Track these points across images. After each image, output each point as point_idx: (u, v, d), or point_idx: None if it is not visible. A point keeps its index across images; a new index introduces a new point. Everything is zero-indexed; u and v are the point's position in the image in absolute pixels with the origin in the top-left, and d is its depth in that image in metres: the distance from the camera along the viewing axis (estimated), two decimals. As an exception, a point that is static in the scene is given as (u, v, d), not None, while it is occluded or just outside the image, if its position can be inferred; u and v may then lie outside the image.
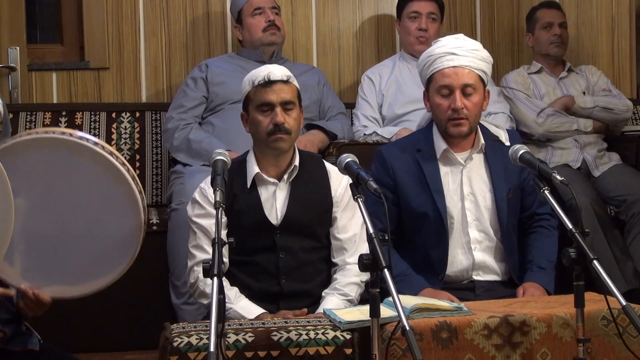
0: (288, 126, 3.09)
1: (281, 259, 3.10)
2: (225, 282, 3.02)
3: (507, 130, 3.48)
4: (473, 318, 2.65)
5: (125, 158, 3.72)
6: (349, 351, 2.63)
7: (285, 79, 3.12)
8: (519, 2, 5.04)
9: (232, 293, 3.04)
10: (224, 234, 3.07)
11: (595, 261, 2.48)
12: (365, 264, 2.39)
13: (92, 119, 4.40)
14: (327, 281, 3.15)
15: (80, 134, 2.59)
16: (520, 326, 2.65)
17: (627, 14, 4.83)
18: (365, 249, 2.45)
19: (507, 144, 3.32)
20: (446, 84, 3.24)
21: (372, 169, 3.35)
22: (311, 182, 3.17)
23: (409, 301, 2.69)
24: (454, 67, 3.23)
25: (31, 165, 2.52)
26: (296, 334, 2.64)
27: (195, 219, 3.12)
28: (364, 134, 4.35)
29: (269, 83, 3.10)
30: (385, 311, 2.52)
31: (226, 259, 3.05)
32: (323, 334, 2.65)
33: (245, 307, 3.01)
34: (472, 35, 4.79)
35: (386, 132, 4.29)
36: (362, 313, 2.67)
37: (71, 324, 3.75)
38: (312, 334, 2.65)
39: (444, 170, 3.29)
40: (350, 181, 2.63)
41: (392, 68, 4.53)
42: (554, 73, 4.57)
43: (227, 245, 2.46)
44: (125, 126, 4.44)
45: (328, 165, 3.23)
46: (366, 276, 2.47)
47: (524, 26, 4.84)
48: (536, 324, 2.67)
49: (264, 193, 3.13)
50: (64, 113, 4.38)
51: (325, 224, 3.17)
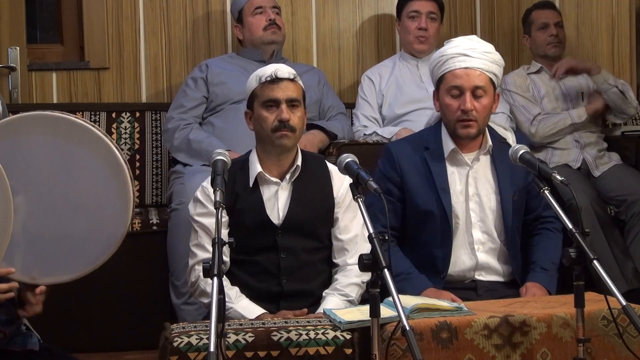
0: (293, 123, 3.10)
1: (282, 259, 3.10)
2: (226, 282, 3.02)
3: (515, 133, 3.47)
4: (473, 318, 2.65)
5: (125, 158, 3.71)
6: (349, 351, 2.63)
7: (292, 77, 3.14)
8: (519, 2, 5.03)
9: (233, 293, 3.04)
10: (225, 233, 3.08)
11: (595, 261, 2.48)
12: (365, 264, 2.39)
13: (92, 119, 4.39)
14: (327, 282, 3.15)
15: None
16: (520, 326, 2.65)
17: (627, 14, 4.82)
18: (366, 249, 2.45)
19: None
20: (457, 84, 3.23)
21: (379, 164, 3.36)
22: (313, 182, 3.17)
23: (409, 301, 2.69)
24: (465, 68, 3.23)
25: (28, 150, 2.52)
26: (296, 334, 2.64)
27: (196, 218, 3.12)
28: (364, 134, 4.35)
29: (276, 80, 3.11)
30: (385, 311, 2.51)
31: (227, 258, 3.05)
32: (323, 334, 2.65)
33: (245, 307, 3.01)
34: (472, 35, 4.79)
35: (386, 132, 4.29)
36: (362, 313, 2.67)
37: (71, 324, 3.75)
38: (312, 334, 2.65)
39: (450, 170, 3.29)
40: (352, 181, 2.63)
41: (392, 68, 4.53)
42: (555, 73, 4.56)
43: (228, 244, 2.46)
44: (125, 126, 4.44)
45: (330, 165, 3.23)
46: (367, 277, 2.46)
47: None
48: (536, 324, 2.66)
49: (266, 192, 3.13)
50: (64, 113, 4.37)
51: (326, 224, 3.17)
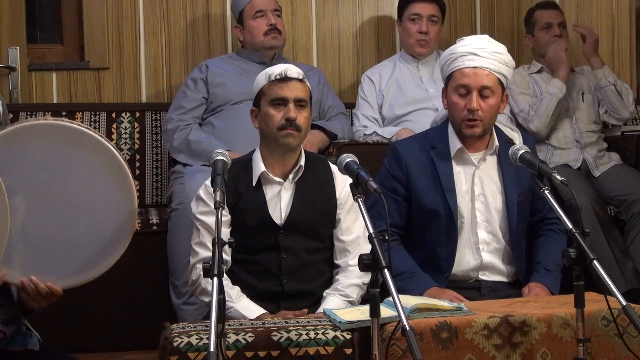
0: (299, 123, 3.10)
1: (284, 258, 3.10)
2: (227, 281, 3.02)
3: (522, 133, 3.47)
4: (473, 318, 2.65)
5: (125, 158, 3.72)
6: (349, 351, 2.63)
7: (301, 77, 3.14)
8: (519, 2, 5.04)
9: (234, 292, 3.03)
10: (227, 232, 3.08)
11: (595, 261, 2.48)
12: (365, 263, 2.40)
13: (92, 119, 4.39)
14: (328, 282, 3.15)
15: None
16: (520, 326, 2.65)
17: (627, 14, 4.82)
18: (367, 251, 2.45)
19: None
20: (464, 83, 3.23)
21: (385, 162, 3.36)
22: (316, 183, 3.17)
23: (409, 301, 2.69)
24: (474, 67, 3.22)
25: (27, 154, 2.52)
26: (296, 334, 2.64)
27: (199, 216, 3.11)
28: (364, 134, 4.35)
29: (285, 79, 3.11)
30: (385, 311, 2.51)
31: (229, 257, 3.06)
32: (323, 334, 2.65)
33: (246, 307, 3.01)
34: (471, 35, 4.78)
35: (386, 132, 4.29)
36: (362, 313, 2.67)
37: (71, 324, 3.75)
38: (312, 334, 2.65)
39: (456, 169, 3.28)
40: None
41: (393, 68, 4.53)
42: (555, 73, 4.56)
43: (228, 244, 2.47)
44: (125, 126, 4.44)
45: (333, 167, 3.22)
46: (368, 278, 2.46)
47: (524, 26, 4.84)
48: (536, 324, 2.66)
49: (269, 192, 3.13)
50: (64, 113, 4.37)
51: (328, 225, 3.17)
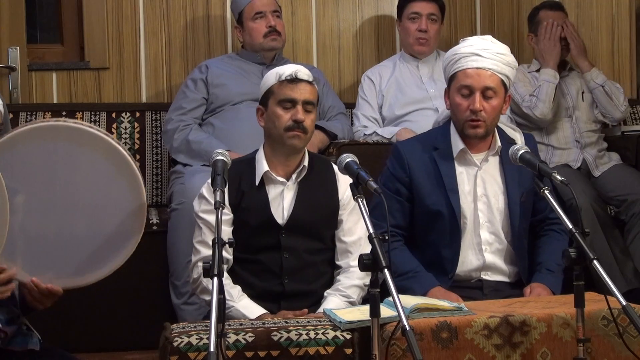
0: (306, 125, 3.10)
1: (285, 259, 3.10)
2: (228, 280, 3.03)
3: (523, 133, 3.47)
4: (473, 318, 2.65)
5: (132, 155, 3.72)
6: (349, 351, 2.63)
7: (310, 79, 3.15)
8: (519, 2, 5.03)
9: (235, 291, 3.04)
10: (229, 231, 3.08)
11: (595, 261, 2.48)
12: (365, 263, 2.40)
13: (92, 119, 4.39)
14: (329, 283, 3.15)
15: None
16: (520, 326, 2.65)
17: (627, 14, 4.82)
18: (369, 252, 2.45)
19: None
20: (467, 84, 3.23)
21: (388, 163, 3.36)
22: (319, 184, 3.17)
23: (409, 301, 2.69)
24: (477, 68, 3.22)
25: (29, 156, 2.52)
26: (296, 334, 2.64)
27: (201, 215, 3.11)
28: (364, 134, 4.35)
29: (295, 80, 3.11)
30: (385, 311, 2.52)
31: (230, 256, 3.06)
32: (323, 334, 2.65)
33: (246, 307, 3.01)
34: (472, 35, 4.78)
35: (386, 132, 4.29)
36: (362, 313, 2.67)
37: (71, 324, 3.75)
38: (312, 334, 2.65)
39: (459, 170, 3.28)
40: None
41: (393, 68, 4.53)
42: (555, 72, 4.56)
43: (228, 244, 2.47)
44: (125, 126, 4.44)
45: (336, 168, 3.23)
46: (369, 279, 2.46)
47: (524, 26, 4.83)
48: (536, 323, 2.67)
49: (272, 192, 3.13)
50: (64, 113, 4.37)
51: (330, 226, 3.17)
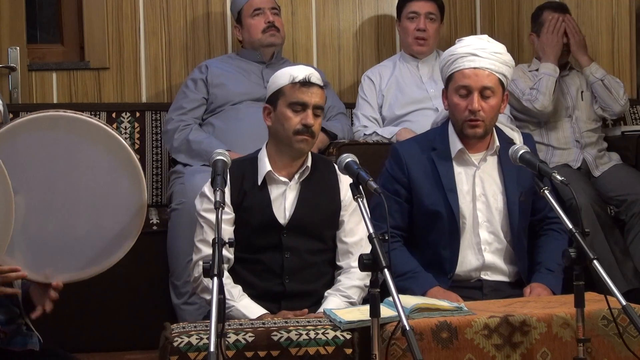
0: (314, 129, 3.10)
1: (286, 259, 3.10)
2: (229, 280, 3.03)
3: (522, 133, 3.47)
4: (473, 318, 2.65)
5: (133, 148, 3.72)
6: (349, 351, 2.63)
7: (321, 84, 3.15)
8: (519, 2, 5.03)
9: (235, 291, 3.03)
10: (231, 230, 3.08)
11: (595, 261, 2.48)
12: (365, 263, 2.40)
13: (92, 119, 4.39)
14: (330, 283, 3.15)
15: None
16: (520, 326, 2.65)
17: (627, 14, 4.82)
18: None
19: None
20: (465, 84, 3.23)
21: (386, 164, 3.35)
22: (321, 184, 3.17)
23: (409, 301, 2.69)
24: (474, 68, 3.22)
25: (30, 148, 2.52)
26: (296, 334, 2.64)
27: (203, 213, 3.10)
28: (364, 134, 4.35)
29: (308, 84, 3.10)
30: (385, 311, 2.52)
31: (231, 255, 3.06)
32: (323, 334, 2.65)
33: (247, 307, 3.01)
34: (471, 35, 4.77)
35: (386, 132, 4.28)
36: (362, 313, 2.67)
37: (71, 324, 3.75)
38: (312, 334, 2.65)
39: (457, 170, 3.28)
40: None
41: (393, 68, 4.53)
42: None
43: (228, 244, 2.47)
44: (125, 126, 4.44)
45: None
46: (369, 279, 2.46)
47: (524, 26, 4.83)
48: (536, 323, 2.67)
49: (274, 192, 3.13)
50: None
51: (332, 226, 3.17)
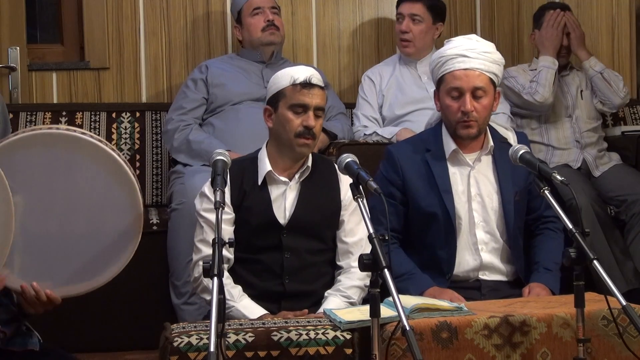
0: (315, 131, 3.10)
1: (286, 258, 3.10)
2: (229, 280, 3.03)
3: (515, 132, 3.47)
4: (473, 318, 2.65)
5: (125, 158, 3.70)
6: (349, 351, 2.63)
7: (322, 85, 3.14)
8: (519, 2, 5.03)
9: (235, 291, 3.03)
10: (231, 230, 3.08)
11: (595, 261, 2.48)
12: (365, 263, 2.40)
13: (92, 119, 4.40)
14: (330, 283, 3.15)
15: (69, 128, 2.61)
16: (520, 326, 2.65)
17: (627, 14, 4.82)
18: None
19: None
20: (456, 86, 3.22)
21: (381, 167, 3.35)
22: (321, 184, 3.17)
23: (409, 301, 2.69)
24: (464, 69, 3.22)
25: (27, 163, 2.51)
26: (296, 334, 2.64)
27: (202, 213, 3.10)
28: (364, 134, 4.35)
29: (309, 85, 3.09)
30: (386, 311, 2.52)
31: (231, 255, 3.06)
32: (323, 334, 2.65)
33: (247, 307, 3.01)
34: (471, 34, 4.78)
35: (386, 132, 4.28)
36: (362, 313, 2.67)
37: (71, 324, 3.75)
38: (312, 334, 2.65)
39: (452, 170, 3.28)
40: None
41: (393, 68, 4.52)
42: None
43: (228, 244, 2.46)
44: (125, 126, 4.44)
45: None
46: (369, 279, 2.46)
47: (524, 26, 4.84)
48: (536, 324, 2.67)
49: (274, 192, 3.13)
50: (64, 113, 4.38)
51: (332, 226, 3.17)
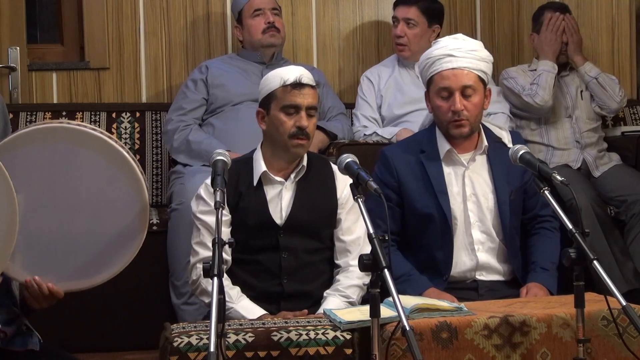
0: (309, 130, 3.10)
1: (284, 259, 3.10)
2: (227, 281, 3.02)
3: (510, 131, 3.47)
4: (473, 318, 2.65)
5: (133, 156, 3.71)
6: (349, 351, 2.63)
7: (313, 84, 3.13)
8: (519, 2, 5.03)
9: (234, 293, 3.03)
10: (227, 231, 3.07)
11: (595, 261, 2.48)
12: (365, 264, 2.40)
13: (92, 119, 4.40)
14: (328, 282, 3.15)
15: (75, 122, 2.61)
16: (520, 326, 2.65)
17: (627, 14, 4.82)
18: (368, 251, 2.45)
19: (510, 145, 3.31)
20: (445, 86, 3.23)
21: (376, 170, 3.34)
22: (317, 183, 3.17)
23: (409, 301, 2.69)
24: (452, 69, 3.22)
25: (29, 159, 2.51)
26: (296, 334, 2.64)
27: (199, 215, 3.10)
28: (364, 134, 4.35)
29: (299, 85, 3.08)
30: (386, 311, 2.52)
31: (229, 257, 3.05)
32: (323, 334, 2.65)
33: (246, 308, 3.01)
34: (472, 35, 4.77)
35: (386, 133, 4.28)
36: (362, 313, 2.67)
37: (71, 324, 3.75)
38: (312, 334, 2.65)
39: (446, 171, 3.29)
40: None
41: (392, 69, 4.52)
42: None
43: (228, 244, 2.46)
44: (125, 126, 4.44)
45: (335, 167, 3.22)
46: (368, 278, 2.46)
47: (524, 26, 4.83)
48: (536, 324, 2.67)
49: (270, 192, 3.13)
50: (64, 113, 4.38)
51: (329, 225, 3.16)
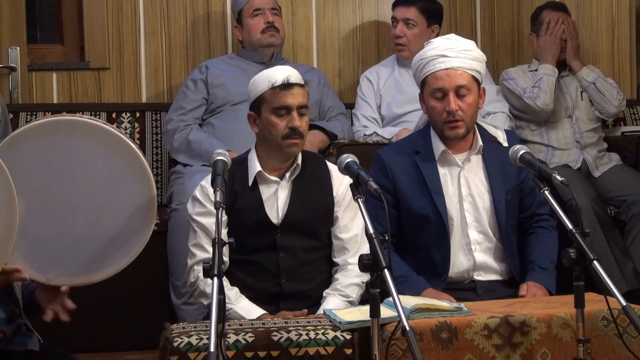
0: (302, 130, 3.09)
1: (281, 258, 3.10)
2: (226, 282, 3.02)
3: (505, 130, 3.47)
4: (473, 318, 2.65)
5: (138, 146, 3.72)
6: (349, 351, 2.63)
7: (302, 82, 3.12)
8: (519, 2, 5.03)
9: (233, 293, 3.03)
10: (224, 232, 3.07)
11: (595, 261, 2.48)
12: (365, 264, 2.39)
13: (92, 119, 4.40)
14: (327, 281, 3.15)
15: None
16: (520, 326, 2.66)
17: (627, 14, 4.82)
18: (366, 249, 2.45)
19: (505, 144, 3.31)
20: (439, 87, 3.23)
21: (371, 171, 3.33)
22: (313, 182, 3.17)
23: (409, 301, 2.69)
24: (446, 69, 3.22)
25: (31, 154, 2.51)
26: (296, 334, 2.64)
27: (195, 217, 3.11)
28: (364, 134, 4.35)
29: (288, 86, 3.08)
30: (386, 311, 2.52)
31: (226, 258, 3.05)
32: (323, 334, 2.65)
33: (245, 308, 3.01)
34: (472, 35, 4.78)
35: (386, 133, 4.28)
36: (362, 313, 2.67)
37: (71, 324, 3.72)
38: (312, 334, 2.65)
39: (442, 171, 3.29)
40: (352, 181, 2.63)
41: (392, 69, 4.52)
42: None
43: (227, 245, 2.46)
44: (125, 126, 4.44)
45: (330, 164, 3.22)
46: (367, 277, 2.47)
47: (524, 26, 4.83)
48: (536, 324, 2.67)
49: (266, 192, 3.13)
50: (64, 113, 4.37)
51: (326, 223, 3.16)
